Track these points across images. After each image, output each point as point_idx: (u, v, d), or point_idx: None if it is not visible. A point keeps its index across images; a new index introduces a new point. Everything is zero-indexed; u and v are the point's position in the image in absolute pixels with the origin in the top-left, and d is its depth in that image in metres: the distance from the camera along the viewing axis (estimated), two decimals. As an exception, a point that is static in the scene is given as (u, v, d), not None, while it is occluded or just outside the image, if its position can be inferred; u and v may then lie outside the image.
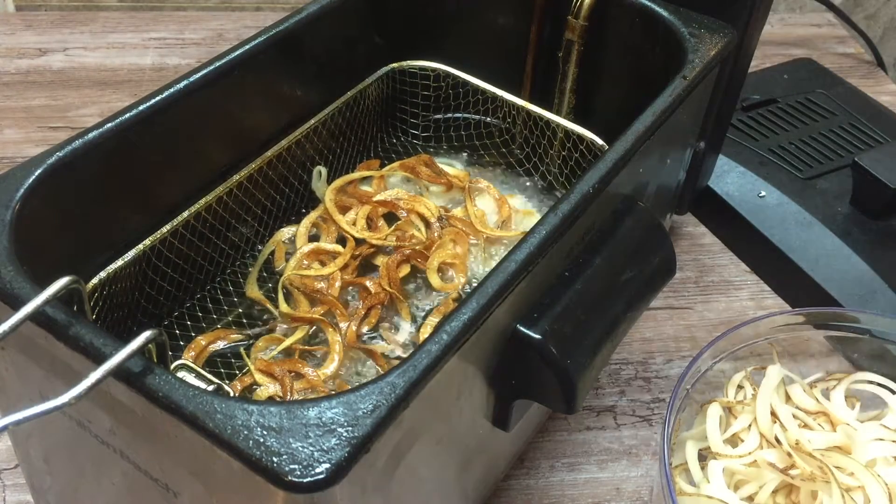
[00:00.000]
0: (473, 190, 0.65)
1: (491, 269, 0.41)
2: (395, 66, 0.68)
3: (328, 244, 0.60)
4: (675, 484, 0.49)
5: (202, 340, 0.54)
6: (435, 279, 0.59)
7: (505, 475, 0.57)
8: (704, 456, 0.53)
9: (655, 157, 0.55)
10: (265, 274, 0.60)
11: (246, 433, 0.32)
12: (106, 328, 0.50)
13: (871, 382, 0.57)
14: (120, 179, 0.47)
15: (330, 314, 0.56)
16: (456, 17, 0.67)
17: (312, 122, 0.61)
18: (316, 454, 0.32)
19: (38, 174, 0.42)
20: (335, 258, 0.59)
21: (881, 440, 0.52)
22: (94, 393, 0.32)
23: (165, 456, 0.36)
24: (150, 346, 0.35)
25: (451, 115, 0.70)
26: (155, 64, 0.91)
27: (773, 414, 0.52)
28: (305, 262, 0.59)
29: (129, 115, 0.46)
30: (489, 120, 0.69)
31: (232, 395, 0.44)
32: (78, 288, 0.36)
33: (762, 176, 0.75)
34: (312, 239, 0.61)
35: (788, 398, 0.55)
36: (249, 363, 0.54)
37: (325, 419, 0.33)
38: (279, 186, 0.61)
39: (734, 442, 0.53)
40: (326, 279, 0.58)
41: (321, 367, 0.53)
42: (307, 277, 0.58)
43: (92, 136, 0.45)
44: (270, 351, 0.54)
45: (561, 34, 0.63)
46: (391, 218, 0.63)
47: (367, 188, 0.65)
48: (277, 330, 0.56)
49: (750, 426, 0.52)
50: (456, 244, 0.61)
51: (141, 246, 0.51)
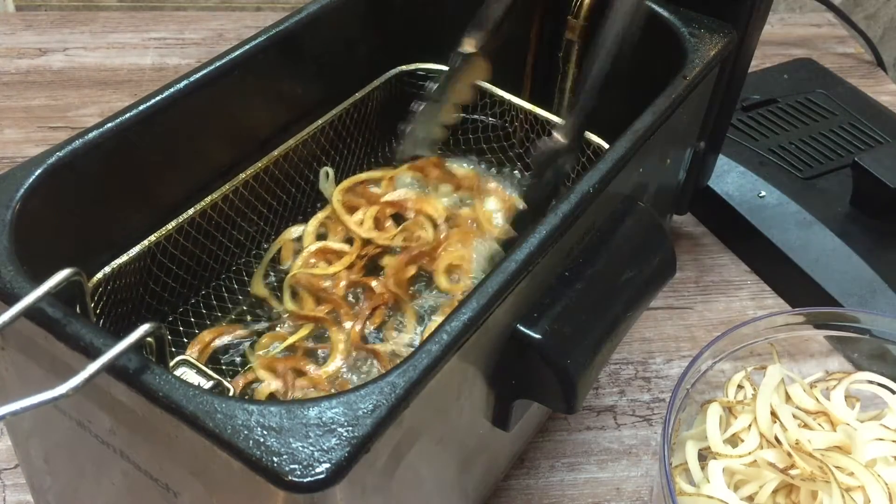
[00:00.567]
0: (483, 191, 0.65)
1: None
2: (403, 68, 0.67)
3: (335, 243, 0.60)
4: (675, 484, 0.49)
5: (206, 336, 0.54)
6: (443, 281, 0.59)
7: (505, 475, 0.57)
8: (704, 456, 0.53)
9: (655, 157, 0.55)
10: (271, 272, 0.60)
11: (246, 433, 0.32)
12: (109, 324, 0.50)
13: (871, 382, 0.57)
14: (120, 179, 0.47)
15: (335, 313, 0.56)
16: (456, 17, 0.67)
17: (320, 122, 0.61)
18: (316, 454, 0.32)
19: (38, 174, 0.42)
20: (342, 257, 0.59)
21: (881, 440, 0.52)
22: (94, 392, 0.32)
23: (165, 456, 0.36)
24: (149, 339, 0.35)
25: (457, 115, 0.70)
26: (155, 64, 0.91)
27: (773, 414, 0.52)
28: (312, 260, 0.59)
29: (129, 115, 0.46)
30: (496, 122, 0.69)
31: (232, 392, 0.44)
32: (79, 281, 0.36)
33: (762, 176, 0.75)
34: (320, 238, 0.61)
35: (788, 398, 0.55)
36: (252, 360, 0.54)
37: (325, 419, 0.33)
38: (285, 186, 0.61)
39: (734, 442, 0.53)
40: (332, 278, 0.58)
41: (324, 365, 0.53)
42: (313, 276, 0.58)
43: (92, 136, 0.44)
44: (274, 348, 0.55)
45: (561, 34, 0.63)
46: (399, 219, 0.63)
47: (375, 189, 0.65)
48: (281, 328, 0.56)
49: (750, 426, 0.52)
50: (463, 245, 0.61)
51: (146, 242, 0.51)
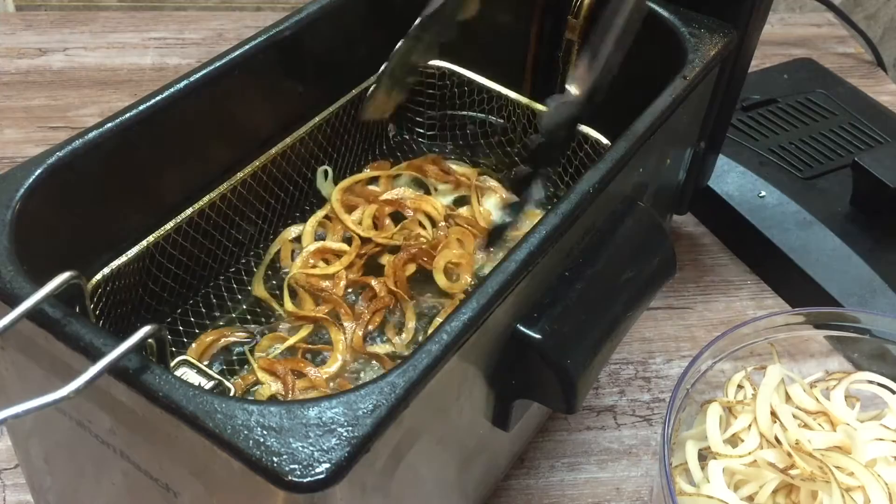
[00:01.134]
0: (481, 189, 0.65)
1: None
2: None
3: (334, 243, 0.60)
4: (675, 484, 0.49)
5: (206, 338, 0.54)
6: (441, 279, 0.59)
7: (505, 475, 0.57)
8: (704, 456, 0.53)
9: (655, 157, 0.55)
10: (270, 272, 0.60)
11: (246, 433, 0.32)
12: (109, 325, 0.50)
13: (871, 382, 0.57)
14: (120, 179, 0.47)
15: (334, 313, 0.56)
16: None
17: (317, 119, 0.61)
18: (316, 454, 0.32)
19: (38, 174, 0.42)
20: (341, 257, 0.59)
21: (881, 440, 0.52)
22: (94, 392, 0.32)
23: (165, 456, 0.36)
24: (150, 341, 0.35)
25: (455, 112, 0.70)
26: (155, 64, 0.91)
27: (773, 414, 0.52)
28: (311, 260, 0.59)
29: (129, 114, 0.46)
30: (493, 119, 0.69)
31: (232, 392, 0.44)
32: (79, 283, 0.36)
33: (762, 176, 0.75)
34: (318, 238, 0.61)
35: (788, 398, 0.54)
36: (252, 361, 0.54)
37: (325, 419, 0.33)
38: (283, 185, 0.61)
39: (734, 442, 0.53)
40: (332, 278, 0.58)
41: (324, 366, 0.53)
42: (312, 276, 0.58)
43: (92, 136, 0.44)
44: (275, 350, 0.55)
45: (561, 34, 0.63)
46: (398, 217, 0.63)
47: (374, 188, 0.65)
48: (281, 328, 0.56)
49: (750, 426, 0.52)
50: (462, 244, 0.61)
51: (144, 242, 0.51)
